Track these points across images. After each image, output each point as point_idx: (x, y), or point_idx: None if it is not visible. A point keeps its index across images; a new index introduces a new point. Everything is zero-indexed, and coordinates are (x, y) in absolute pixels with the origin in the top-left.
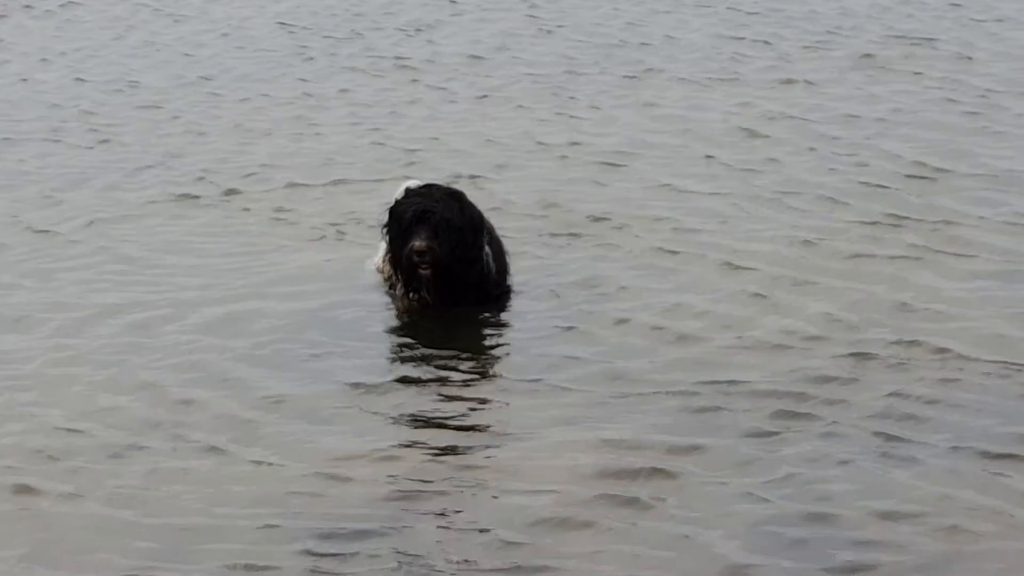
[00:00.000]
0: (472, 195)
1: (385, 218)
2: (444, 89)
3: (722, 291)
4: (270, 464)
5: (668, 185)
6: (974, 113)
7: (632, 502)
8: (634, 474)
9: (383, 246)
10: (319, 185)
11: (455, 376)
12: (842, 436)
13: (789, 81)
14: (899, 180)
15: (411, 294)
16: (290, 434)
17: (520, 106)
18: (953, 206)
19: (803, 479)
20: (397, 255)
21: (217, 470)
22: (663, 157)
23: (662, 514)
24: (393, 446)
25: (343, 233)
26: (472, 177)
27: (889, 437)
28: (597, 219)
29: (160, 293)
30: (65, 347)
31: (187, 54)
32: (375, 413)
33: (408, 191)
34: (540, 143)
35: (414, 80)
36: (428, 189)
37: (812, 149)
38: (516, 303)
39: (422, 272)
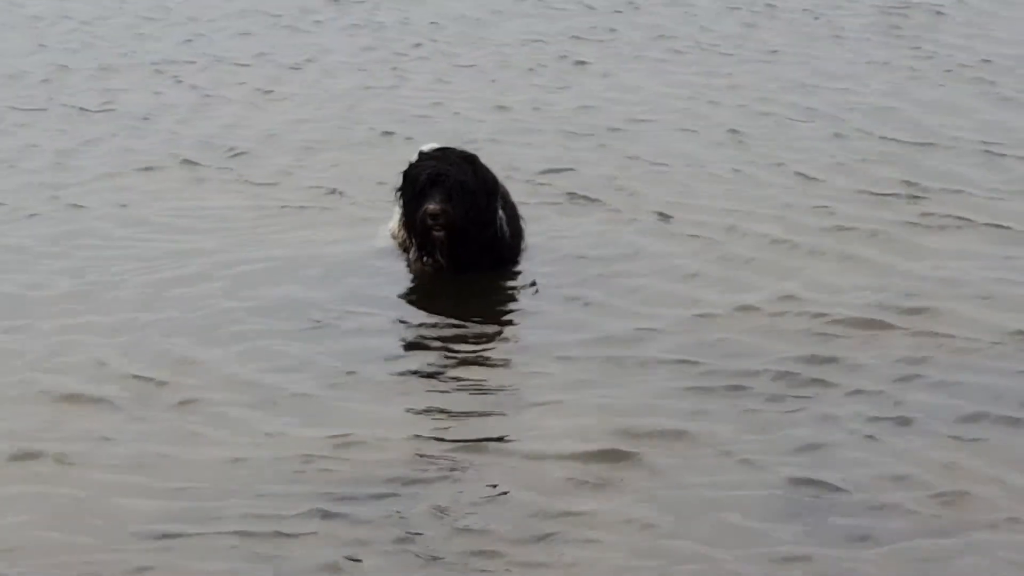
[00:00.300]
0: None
1: (399, 182)
2: (446, 54)
3: (726, 261)
4: (272, 434)
5: (669, 153)
6: (975, 80)
7: (635, 469)
8: (638, 442)
9: (397, 211)
10: (304, 152)
11: (462, 345)
12: (847, 407)
13: (787, 49)
14: (899, 148)
15: (425, 258)
16: (294, 402)
17: (517, 72)
18: (952, 174)
19: (805, 450)
20: (411, 218)
21: (221, 438)
22: (663, 125)
23: (665, 482)
24: (397, 415)
25: (332, 200)
26: (469, 142)
27: (893, 407)
28: (598, 187)
29: (152, 260)
30: (61, 311)
31: (156, 19)
32: (382, 382)
33: (422, 154)
34: (536, 109)
35: (413, 45)
36: (442, 152)
37: (811, 117)
38: (528, 268)
39: (436, 235)
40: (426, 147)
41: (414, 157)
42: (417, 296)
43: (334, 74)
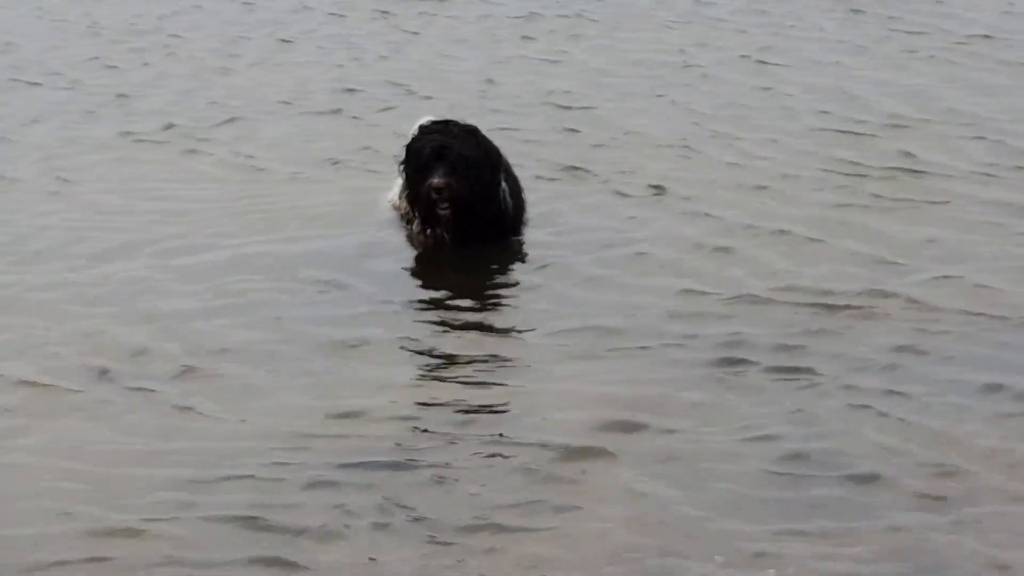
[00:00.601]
0: None
1: (402, 155)
2: (405, 31)
3: (711, 239)
4: (270, 406)
5: (633, 131)
6: (948, 60)
7: (624, 448)
8: (628, 420)
9: (398, 181)
10: (285, 123)
11: (452, 323)
12: (837, 386)
13: (753, 25)
14: (867, 127)
15: (428, 231)
16: (294, 374)
17: (480, 48)
18: (924, 154)
19: (795, 429)
20: (415, 192)
21: (224, 408)
22: (625, 99)
23: (655, 461)
24: (384, 391)
25: (328, 170)
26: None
27: (883, 387)
28: (565, 166)
29: (144, 235)
30: (46, 288)
31: None
32: (382, 355)
33: (423, 128)
34: (499, 85)
35: (374, 20)
36: (445, 125)
37: (777, 95)
38: (526, 243)
39: (441, 212)
40: (424, 120)
41: (413, 130)
42: (415, 270)
43: (290, 49)
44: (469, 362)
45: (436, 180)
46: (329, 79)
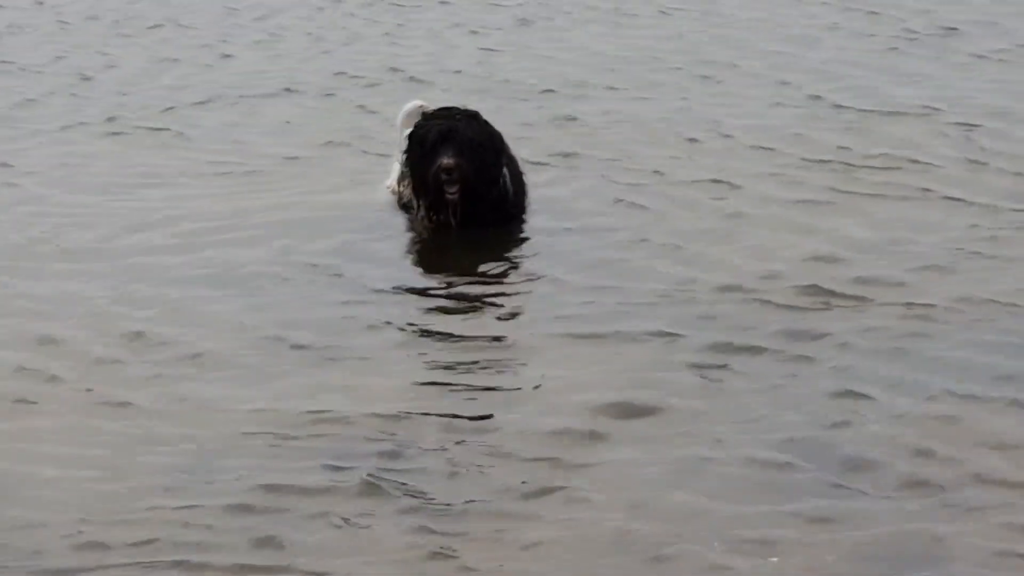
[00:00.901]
0: None
1: (404, 143)
2: (368, 20)
3: (695, 232)
4: (274, 394)
5: (626, 119)
6: (932, 47)
7: (606, 447)
8: (610, 419)
9: (395, 167)
10: (255, 111)
11: (441, 317)
12: (813, 380)
13: (708, 12)
14: (855, 116)
15: (433, 216)
16: (293, 363)
17: (473, 33)
18: (909, 144)
19: (775, 429)
20: (422, 176)
21: (225, 399)
22: (618, 86)
23: (636, 460)
24: (379, 386)
25: (298, 159)
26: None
27: (860, 382)
28: (558, 152)
29: (103, 229)
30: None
31: None
32: (369, 351)
33: (426, 114)
34: (493, 70)
35: (365, 5)
36: (447, 111)
37: (766, 83)
38: (522, 233)
39: (449, 197)
40: (410, 104)
41: (401, 115)
42: (411, 258)
43: (279, 31)
44: (455, 365)
45: (446, 160)
46: (309, 64)
